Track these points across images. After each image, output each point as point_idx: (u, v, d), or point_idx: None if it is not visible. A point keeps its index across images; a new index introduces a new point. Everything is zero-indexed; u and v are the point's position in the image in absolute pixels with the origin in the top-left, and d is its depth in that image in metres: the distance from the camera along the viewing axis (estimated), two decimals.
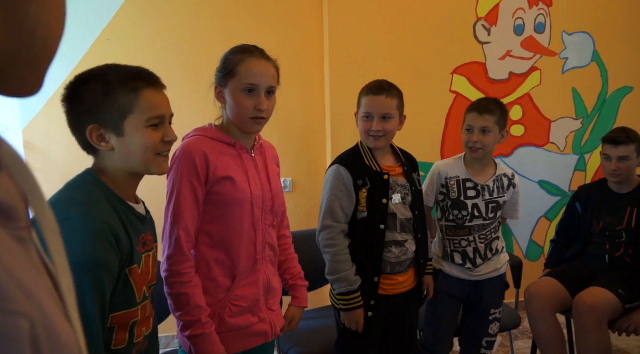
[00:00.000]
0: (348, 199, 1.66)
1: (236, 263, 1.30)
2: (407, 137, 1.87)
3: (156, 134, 1.02)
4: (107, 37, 2.56)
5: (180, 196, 1.23)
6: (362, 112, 1.69)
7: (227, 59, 1.32)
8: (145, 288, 1.04)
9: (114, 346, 0.98)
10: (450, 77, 3.06)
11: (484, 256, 1.96)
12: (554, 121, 3.30)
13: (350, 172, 1.66)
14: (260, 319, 1.35)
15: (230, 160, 1.30)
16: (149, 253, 1.07)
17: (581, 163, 3.41)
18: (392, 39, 2.90)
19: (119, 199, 1.01)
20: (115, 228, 0.95)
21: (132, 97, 0.98)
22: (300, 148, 2.94)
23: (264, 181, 1.37)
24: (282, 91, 2.90)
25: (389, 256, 1.69)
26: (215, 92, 1.34)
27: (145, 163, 1.03)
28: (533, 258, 3.37)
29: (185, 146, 1.27)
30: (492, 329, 2.03)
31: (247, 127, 1.33)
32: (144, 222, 1.08)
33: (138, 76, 1.01)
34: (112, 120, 0.98)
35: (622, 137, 2.19)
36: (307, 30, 2.85)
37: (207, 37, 2.63)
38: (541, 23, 3.18)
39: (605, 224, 2.27)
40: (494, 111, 1.88)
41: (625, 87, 3.40)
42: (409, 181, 1.74)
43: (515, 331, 2.96)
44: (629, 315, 2.09)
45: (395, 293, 1.72)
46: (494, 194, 1.96)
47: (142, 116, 1.00)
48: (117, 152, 1.00)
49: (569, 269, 2.33)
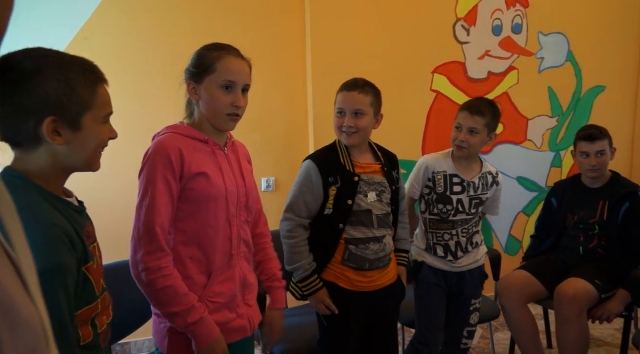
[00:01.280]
0: (313, 196, 1.70)
1: (212, 260, 1.30)
2: (389, 135, 1.92)
3: (107, 131, 1.02)
4: (84, 36, 2.55)
5: (156, 192, 1.21)
6: (336, 108, 1.72)
7: (203, 56, 1.31)
8: (103, 281, 1.03)
9: (82, 343, 0.97)
10: (431, 76, 3.12)
11: (465, 249, 2.02)
12: (531, 119, 3.39)
13: (321, 170, 1.69)
14: (238, 314, 1.35)
15: (204, 156, 1.29)
16: (94, 245, 1.04)
17: (557, 160, 3.51)
18: (374, 39, 2.95)
19: (56, 197, 0.96)
20: (65, 228, 0.92)
21: (91, 92, 0.96)
22: (283, 147, 2.96)
23: (238, 177, 1.37)
24: (264, 90, 2.94)
25: (367, 253, 1.71)
26: (188, 88, 1.33)
27: (92, 159, 1.00)
28: (512, 252, 3.47)
29: (159, 143, 1.26)
30: (473, 319, 2.09)
31: (222, 123, 1.33)
32: (82, 214, 1.04)
33: (93, 71, 0.98)
34: (72, 115, 0.94)
35: (596, 133, 2.28)
36: (288, 30, 2.88)
37: (188, 36, 2.63)
38: (518, 24, 3.27)
39: (580, 218, 2.36)
40: (485, 113, 1.91)
41: (598, 86, 3.52)
42: (388, 179, 1.76)
43: (495, 324, 3.04)
44: (603, 304, 2.17)
45: (373, 289, 1.74)
46: (478, 191, 2.01)
47: (100, 112, 0.98)
48: (69, 147, 0.95)
49: (543, 262, 2.41)
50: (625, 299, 2.16)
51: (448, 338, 2.10)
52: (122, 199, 2.52)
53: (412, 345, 2.07)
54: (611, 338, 2.89)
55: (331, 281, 1.73)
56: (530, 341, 2.22)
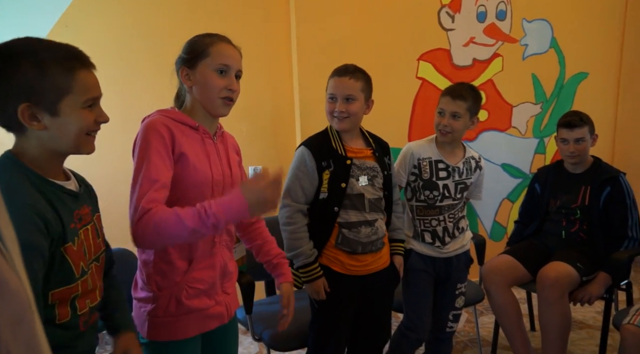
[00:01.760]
0: (309, 181, 1.72)
1: (194, 247, 1.29)
2: (375, 122, 1.92)
3: (91, 115, 1.02)
4: (65, 24, 2.50)
5: (150, 165, 1.18)
6: (327, 94, 1.75)
7: (196, 42, 1.32)
8: (83, 264, 1.03)
9: (58, 321, 1.00)
10: (416, 63, 3.13)
11: (452, 234, 2.05)
12: (515, 105, 3.43)
13: (314, 155, 1.72)
14: (216, 302, 1.36)
15: (192, 142, 1.29)
16: (87, 227, 1.05)
17: (541, 146, 3.55)
18: (359, 26, 2.94)
19: (43, 179, 0.99)
20: (41, 210, 0.93)
21: (69, 78, 0.96)
22: (270, 136, 2.96)
23: (225, 167, 1.37)
24: (250, 79, 2.90)
25: (359, 236, 1.74)
26: (181, 74, 1.32)
27: (76, 143, 1.01)
28: (497, 238, 3.52)
29: (150, 122, 1.25)
30: (458, 302, 2.12)
31: (216, 108, 1.33)
32: (78, 197, 1.05)
33: (72, 56, 0.99)
34: (48, 100, 0.95)
35: (575, 120, 2.31)
36: (273, 17, 2.85)
37: (170, 23, 2.59)
38: (502, 10, 3.28)
39: (562, 203, 2.39)
40: (466, 97, 1.94)
41: (581, 73, 3.56)
42: (380, 164, 1.79)
43: (480, 308, 3.09)
44: (585, 287, 2.22)
45: (365, 273, 1.77)
46: (463, 175, 2.04)
47: (79, 97, 0.98)
48: (49, 131, 0.97)
49: (526, 247, 2.45)
50: (606, 282, 2.21)
51: (434, 321, 2.12)
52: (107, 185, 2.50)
53: (400, 330, 2.10)
54: (592, 320, 2.96)
55: (324, 264, 1.75)
56: (513, 324, 2.27)
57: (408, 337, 2.06)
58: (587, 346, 2.67)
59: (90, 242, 1.06)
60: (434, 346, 2.20)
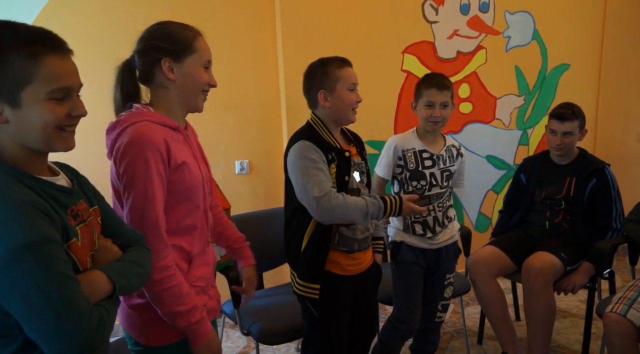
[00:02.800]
0: (325, 174, 1.59)
1: (193, 247, 1.29)
2: (360, 116, 1.90)
3: (60, 108, 0.89)
4: (46, 16, 2.45)
5: (155, 187, 1.15)
6: (348, 84, 1.68)
7: (179, 34, 1.26)
8: (89, 259, 0.98)
9: None
10: (401, 56, 3.13)
11: (442, 223, 2.07)
12: (499, 97, 3.45)
13: (320, 147, 1.62)
14: (209, 296, 1.37)
15: (181, 146, 1.25)
16: (85, 223, 0.99)
17: (524, 138, 3.59)
18: (344, 19, 2.93)
19: (29, 176, 0.90)
20: (38, 204, 0.85)
21: (31, 65, 0.85)
22: (256, 130, 2.94)
23: (201, 161, 1.35)
24: (235, 72, 2.89)
25: (356, 233, 1.71)
26: (163, 66, 1.24)
27: (45, 139, 0.89)
28: (482, 229, 3.55)
29: (143, 134, 1.16)
30: (447, 292, 2.15)
31: (198, 103, 1.31)
32: (71, 193, 0.97)
33: (38, 39, 0.87)
34: (6, 90, 0.84)
35: (568, 113, 2.31)
36: (258, 11, 2.83)
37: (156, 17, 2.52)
38: (485, 2, 3.29)
39: (547, 193, 2.42)
40: (449, 86, 2.04)
41: (562, 64, 3.60)
42: (363, 160, 1.79)
43: (466, 298, 3.13)
44: (568, 276, 2.25)
45: (359, 272, 1.75)
46: (447, 163, 2.07)
47: (43, 87, 0.86)
48: (12, 125, 0.87)
49: (511, 237, 2.48)
50: (589, 271, 2.25)
51: (424, 311, 2.15)
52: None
53: (390, 322, 2.11)
54: (576, 309, 3.02)
55: (328, 270, 1.68)
56: (499, 313, 2.30)
57: (398, 329, 2.08)
58: (572, 334, 2.72)
59: (87, 240, 0.99)
60: (422, 336, 2.23)
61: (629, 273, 2.44)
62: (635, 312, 1.81)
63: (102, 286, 0.94)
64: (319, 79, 1.68)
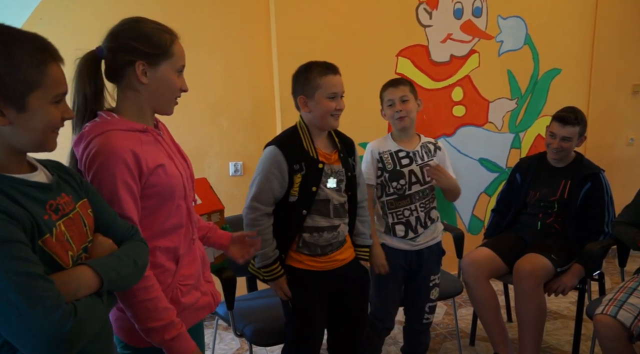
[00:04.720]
0: (280, 183, 1.70)
1: (178, 246, 1.28)
2: (354, 119, 1.93)
3: (58, 111, 0.96)
4: (39, 16, 2.44)
5: (121, 201, 1.13)
6: (328, 93, 1.69)
7: (157, 36, 1.23)
8: (72, 253, 0.97)
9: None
10: (395, 59, 3.15)
11: (424, 223, 2.10)
12: (492, 101, 3.48)
13: (287, 157, 1.68)
14: (202, 292, 1.36)
15: (152, 148, 1.22)
16: (69, 216, 0.98)
17: (516, 141, 3.62)
18: (339, 22, 2.94)
19: (1, 175, 0.91)
20: (1, 204, 0.86)
21: (40, 71, 0.91)
22: (251, 131, 2.94)
23: (180, 158, 1.33)
24: (230, 73, 2.90)
25: (319, 241, 1.75)
26: (138, 69, 1.20)
27: (41, 141, 0.95)
28: (474, 231, 3.58)
29: (106, 146, 1.13)
30: (433, 294, 2.18)
31: (169, 108, 1.29)
32: (50, 187, 0.98)
33: (45, 49, 0.93)
34: (15, 94, 0.89)
35: (571, 118, 2.31)
36: (253, 12, 2.83)
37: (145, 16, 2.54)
38: (478, 7, 3.32)
39: (541, 195, 2.44)
40: (404, 82, 2.12)
41: (554, 69, 3.64)
42: (345, 166, 1.80)
43: (458, 300, 3.15)
44: (559, 277, 2.28)
45: (332, 268, 1.79)
46: (424, 158, 2.12)
47: (49, 91, 0.93)
48: (13, 127, 0.91)
49: (503, 239, 2.50)
50: (579, 273, 2.27)
51: (411, 314, 2.18)
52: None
53: (369, 319, 2.14)
54: (567, 311, 3.05)
55: (289, 264, 1.77)
56: (491, 315, 2.32)
57: (375, 326, 2.15)
58: (562, 335, 2.75)
59: (74, 232, 0.99)
60: (412, 338, 2.25)
61: (619, 275, 2.47)
62: (625, 313, 1.84)
63: (87, 280, 0.94)
64: (300, 84, 1.73)
